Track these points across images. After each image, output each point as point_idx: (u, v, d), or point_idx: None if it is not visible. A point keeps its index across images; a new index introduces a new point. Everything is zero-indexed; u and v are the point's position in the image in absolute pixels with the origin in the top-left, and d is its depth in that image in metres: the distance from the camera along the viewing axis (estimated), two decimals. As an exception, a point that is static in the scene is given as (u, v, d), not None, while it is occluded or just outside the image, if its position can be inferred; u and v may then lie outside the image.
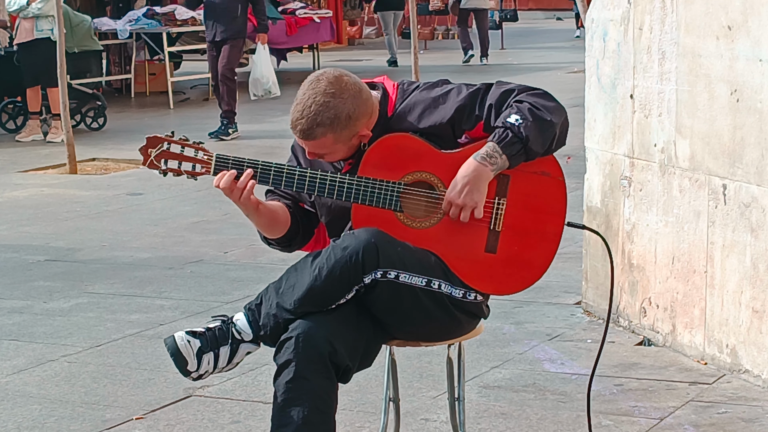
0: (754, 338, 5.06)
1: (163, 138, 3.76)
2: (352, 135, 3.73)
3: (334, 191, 3.71)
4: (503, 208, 3.73)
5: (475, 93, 3.78)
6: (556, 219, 3.78)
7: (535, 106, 3.69)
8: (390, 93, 3.84)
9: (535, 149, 3.69)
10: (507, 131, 3.66)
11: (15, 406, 5.06)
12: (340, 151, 3.76)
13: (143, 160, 3.77)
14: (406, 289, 3.64)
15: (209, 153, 3.75)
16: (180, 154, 3.75)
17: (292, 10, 19.79)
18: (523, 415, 4.85)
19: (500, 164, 3.67)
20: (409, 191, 3.73)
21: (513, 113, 3.67)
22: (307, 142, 3.72)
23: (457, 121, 3.74)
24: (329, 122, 3.67)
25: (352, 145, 3.76)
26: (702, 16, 5.22)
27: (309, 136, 3.69)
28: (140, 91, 17.93)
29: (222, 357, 3.70)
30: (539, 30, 31.43)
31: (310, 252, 3.72)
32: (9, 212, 9.38)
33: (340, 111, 3.68)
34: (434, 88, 3.83)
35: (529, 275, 3.79)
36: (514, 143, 3.65)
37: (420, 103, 3.80)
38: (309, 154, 3.78)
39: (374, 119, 3.79)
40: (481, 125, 3.74)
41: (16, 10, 13.07)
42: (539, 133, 3.67)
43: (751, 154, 4.98)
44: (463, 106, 3.75)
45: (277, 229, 3.89)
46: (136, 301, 6.65)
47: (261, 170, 3.73)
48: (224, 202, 9.66)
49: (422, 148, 3.75)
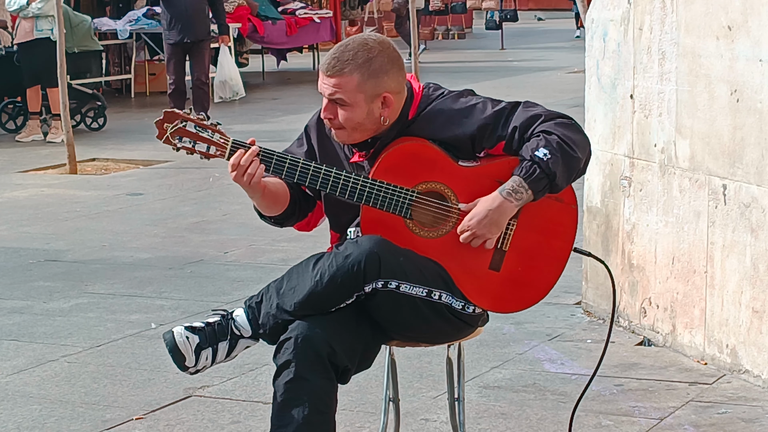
0: (754, 338, 5.06)
1: (181, 114, 3.71)
2: (376, 93, 3.67)
3: (346, 191, 3.69)
4: (513, 228, 3.72)
5: (501, 112, 3.73)
6: (564, 245, 3.78)
7: (564, 141, 3.64)
8: (415, 93, 3.81)
9: (561, 184, 3.67)
10: (535, 166, 3.62)
11: (15, 406, 5.06)
12: (359, 108, 3.68)
13: (158, 133, 3.72)
14: (406, 298, 3.64)
15: (226, 136, 3.71)
16: (196, 133, 3.70)
17: (292, 10, 19.78)
18: (523, 415, 4.85)
19: (525, 198, 3.65)
20: (421, 200, 3.71)
21: (542, 146, 3.63)
22: (332, 78, 3.66)
23: (479, 138, 3.72)
24: (361, 62, 3.64)
25: (371, 113, 3.69)
26: (702, 17, 5.22)
27: (337, 70, 3.65)
28: (140, 91, 17.93)
29: (220, 352, 3.71)
30: (539, 30, 31.43)
31: (313, 254, 3.71)
32: (9, 212, 9.38)
33: (374, 59, 3.66)
34: (459, 98, 3.79)
35: (528, 296, 3.79)
36: (541, 179, 3.63)
37: (443, 112, 3.76)
38: (327, 103, 3.69)
39: (401, 101, 3.75)
40: (501, 145, 3.72)
41: (16, 10, 13.07)
42: (566, 169, 3.64)
43: (751, 154, 4.98)
44: (486, 125, 3.71)
45: (276, 209, 3.87)
46: (136, 301, 6.65)
47: (276, 162, 3.70)
48: (224, 202, 9.70)
49: (438, 158, 3.72)
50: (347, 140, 3.76)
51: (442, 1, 27.73)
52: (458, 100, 3.78)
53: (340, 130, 3.73)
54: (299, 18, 19.64)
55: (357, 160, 3.80)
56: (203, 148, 3.71)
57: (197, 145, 3.71)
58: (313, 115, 3.93)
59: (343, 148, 3.84)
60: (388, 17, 30.18)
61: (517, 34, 28.23)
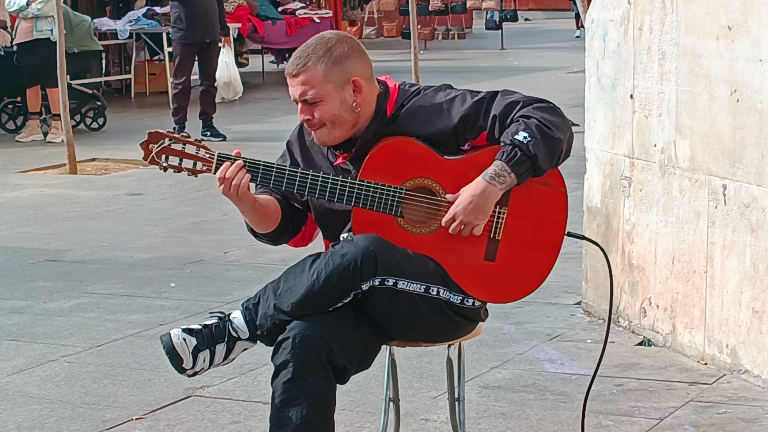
0: (754, 338, 5.06)
1: (165, 134, 3.75)
2: (344, 79, 3.70)
3: (335, 194, 3.70)
4: (504, 217, 3.73)
5: (480, 102, 3.75)
6: (557, 229, 3.78)
7: (543, 123, 3.66)
8: (391, 91, 3.83)
9: (543, 166, 3.67)
10: (515, 149, 3.63)
11: (15, 406, 5.06)
12: (331, 99, 3.70)
13: (144, 155, 3.76)
14: (404, 295, 3.64)
15: (211, 151, 3.75)
16: (181, 151, 3.75)
17: (292, 10, 19.78)
18: (523, 415, 4.85)
19: (509, 182, 3.66)
20: (411, 197, 3.72)
21: (521, 130, 3.64)
22: (297, 77, 3.69)
23: (461, 130, 3.73)
24: (322, 53, 3.68)
25: (344, 101, 3.71)
26: (702, 17, 5.22)
27: (300, 67, 3.68)
28: (140, 91, 17.93)
29: (218, 354, 3.71)
30: (539, 30, 31.43)
31: (310, 254, 3.72)
32: (9, 212, 9.38)
33: (334, 48, 3.69)
34: (438, 92, 3.81)
35: (526, 284, 3.79)
36: (523, 162, 3.64)
37: (424, 108, 3.78)
38: (302, 106, 3.71)
39: (373, 90, 3.76)
40: (484, 135, 3.73)
41: (15, 10, 13.07)
42: (547, 151, 3.65)
43: (751, 154, 4.98)
44: (468, 115, 3.73)
45: (268, 225, 3.88)
46: (136, 301, 6.65)
47: (262, 171, 3.72)
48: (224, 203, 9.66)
49: (424, 154, 3.74)
50: (328, 139, 3.76)
51: (442, 1, 27.72)
52: (437, 94, 3.81)
53: (320, 129, 3.74)
54: (299, 18, 19.63)
55: (341, 162, 3.81)
56: (190, 165, 3.75)
57: (184, 162, 3.75)
58: (294, 130, 3.96)
59: (327, 155, 3.85)
60: (388, 17, 30.21)
61: (517, 34, 28.23)
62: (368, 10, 28.86)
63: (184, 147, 3.76)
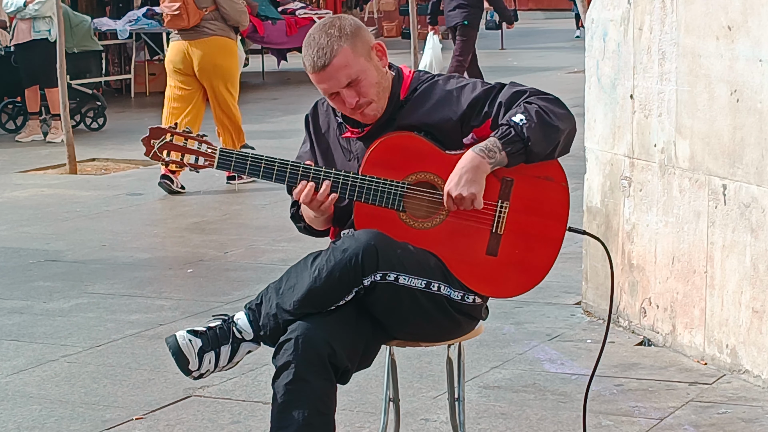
0: (754, 338, 5.06)
1: (166, 129, 3.74)
2: (368, 48, 3.74)
3: (337, 188, 3.71)
4: (506, 211, 3.73)
5: (490, 90, 3.79)
6: (558, 224, 3.79)
7: (543, 110, 3.68)
8: (405, 76, 3.86)
9: (536, 151, 3.68)
10: (510, 129, 3.66)
11: (15, 406, 5.06)
12: (368, 70, 3.72)
13: (146, 150, 3.76)
14: (406, 291, 3.64)
15: (213, 146, 3.74)
16: (183, 146, 3.74)
17: (292, 10, 19.78)
18: (523, 415, 4.85)
19: (498, 160, 3.66)
20: (413, 191, 3.73)
21: (519, 113, 3.67)
22: (328, 68, 3.68)
23: (468, 116, 3.75)
24: (338, 35, 3.68)
25: (377, 68, 3.75)
26: (702, 17, 5.22)
27: (328, 55, 3.67)
28: (140, 91, 17.93)
29: (223, 356, 3.71)
30: (539, 30, 31.42)
31: (311, 252, 3.72)
32: (9, 212, 9.38)
33: (342, 26, 3.71)
34: (450, 80, 3.86)
35: (528, 279, 3.79)
36: (515, 142, 3.65)
37: (435, 93, 3.80)
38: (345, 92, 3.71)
39: (385, 62, 3.79)
40: (488, 123, 3.75)
41: (13, 11, 13.07)
42: (542, 137, 3.66)
43: (751, 154, 4.98)
44: (477, 99, 3.76)
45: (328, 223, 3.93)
46: (136, 301, 6.65)
47: (265, 166, 3.72)
48: (224, 203, 9.70)
49: (426, 148, 3.75)
50: (378, 111, 3.78)
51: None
52: (449, 81, 3.85)
53: (370, 105, 3.76)
54: (299, 18, 19.64)
55: (349, 136, 3.83)
56: (192, 160, 3.74)
57: (185, 157, 3.74)
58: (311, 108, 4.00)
59: (336, 132, 3.88)
60: (388, 17, 30.19)
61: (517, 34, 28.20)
62: (368, 10, 28.86)
63: (185, 142, 3.75)
